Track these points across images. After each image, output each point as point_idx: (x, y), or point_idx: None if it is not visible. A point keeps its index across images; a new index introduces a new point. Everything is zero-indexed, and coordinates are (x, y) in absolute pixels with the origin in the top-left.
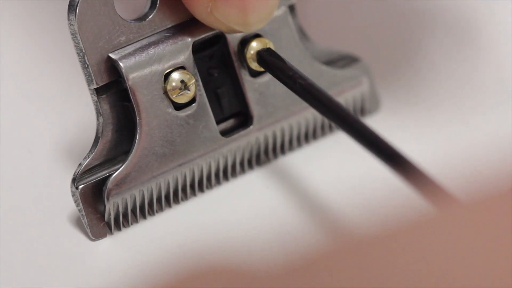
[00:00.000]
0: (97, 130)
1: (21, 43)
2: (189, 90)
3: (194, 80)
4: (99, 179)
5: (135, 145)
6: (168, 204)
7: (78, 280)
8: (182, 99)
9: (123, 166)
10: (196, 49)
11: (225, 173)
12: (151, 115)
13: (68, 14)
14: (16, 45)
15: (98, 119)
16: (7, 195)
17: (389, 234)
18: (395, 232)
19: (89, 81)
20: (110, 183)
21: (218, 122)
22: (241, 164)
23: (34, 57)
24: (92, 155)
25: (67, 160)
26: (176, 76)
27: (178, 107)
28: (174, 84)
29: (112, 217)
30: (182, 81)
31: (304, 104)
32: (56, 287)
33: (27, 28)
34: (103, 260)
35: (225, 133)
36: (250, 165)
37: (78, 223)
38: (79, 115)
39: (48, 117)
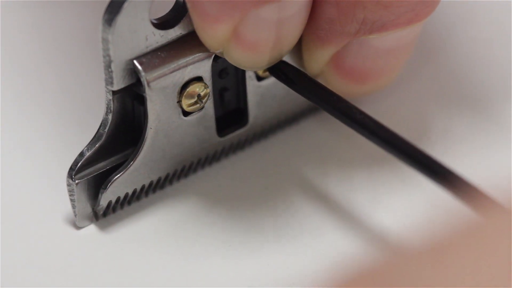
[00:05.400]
0: (103, 125)
1: (20, 40)
2: (202, 102)
3: (209, 93)
4: (96, 174)
5: (140, 150)
6: (153, 192)
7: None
8: (193, 109)
9: (125, 170)
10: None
11: (211, 164)
12: (161, 122)
13: (103, 21)
14: (15, 42)
15: (107, 115)
16: (5, 191)
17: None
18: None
19: (108, 82)
20: (110, 186)
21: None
22: (227, 154)
23: (32, 53)
24: (94, 149)
25: (61, 153)
26: (193, 89)
27: (186, 112)
28: (190, 96)
29: (102, 210)
30: (198, 95)
31: (297, 103)
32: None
33: (25, 21)
34: (92, 246)
35: (221, 132)
36: (235, 153)
37: (63, 209)
38: (76, 111)
39: (45, 112)
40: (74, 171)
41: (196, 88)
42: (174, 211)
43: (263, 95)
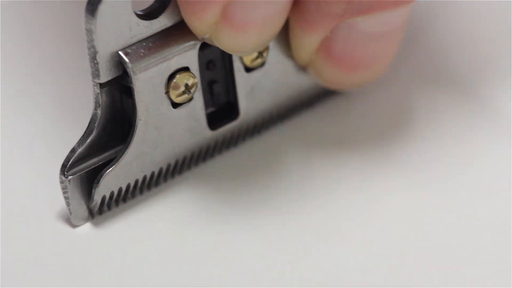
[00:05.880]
0: (93, 120)
1: (18, 38)
2: (191, 93)
3: (196, 83)
4: (89, 170)
5: (131, 143)
6: (148, 188)
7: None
8: (182, 99)
9: (116, 163)
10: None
11: (205, 159)
12: (150, 114)
13: (86, 12)
14: (13, 40)
15: (96, 109)
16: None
17: None
18: None
19: (94, 75)
20: (102, 179)
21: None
22: (220, 149)
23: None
24: (85, 145)
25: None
26: (180, 79)
27: (175, 104)
28: (177, 87)
29: (97, 206)
30: (186, 85)
31: (289, 96)
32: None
33: (25, 22)
34: (91, 245)
35: (212, 126)
36: (228, 148)
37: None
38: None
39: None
40: (66, 168)
41: (184, 78)
42: (169, 209)
43: (253, 87)
